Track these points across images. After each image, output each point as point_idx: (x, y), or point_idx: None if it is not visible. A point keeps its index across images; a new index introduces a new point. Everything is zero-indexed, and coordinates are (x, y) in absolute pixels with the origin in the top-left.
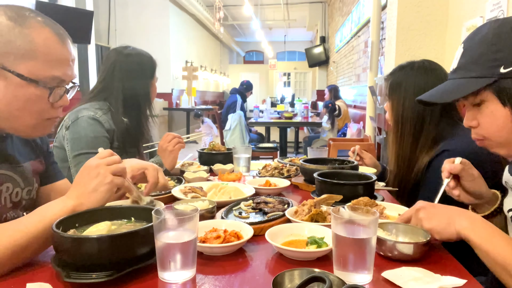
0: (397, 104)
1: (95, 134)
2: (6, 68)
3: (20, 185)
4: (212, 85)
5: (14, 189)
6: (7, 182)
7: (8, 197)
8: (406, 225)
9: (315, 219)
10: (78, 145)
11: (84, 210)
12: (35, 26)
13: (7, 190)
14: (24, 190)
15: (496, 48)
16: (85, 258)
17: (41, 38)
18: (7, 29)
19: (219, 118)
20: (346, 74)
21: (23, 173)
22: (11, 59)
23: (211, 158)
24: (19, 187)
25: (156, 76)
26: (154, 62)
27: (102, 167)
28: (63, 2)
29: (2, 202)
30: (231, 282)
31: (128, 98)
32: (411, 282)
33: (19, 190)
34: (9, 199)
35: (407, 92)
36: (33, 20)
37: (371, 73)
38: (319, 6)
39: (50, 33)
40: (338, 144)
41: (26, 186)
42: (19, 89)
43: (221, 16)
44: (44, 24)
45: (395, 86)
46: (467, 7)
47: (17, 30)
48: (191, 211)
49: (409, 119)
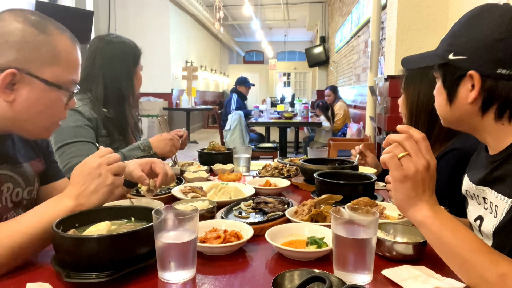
0: (412, 96)
1: (76, 123)
2: (32, 74)
3: (21, 185)
4: (212, 85)
5: (15, 189)
6: (8, 182)
7: (8, 197)
8: (404, 226)
9: (315, 219)
10: (60, 137)
11: (84, 210)
12: (56, 32)
13: (7, 190)
14: (25, 190)
15: (458, 34)
16: (85, 258)
17: (62, 44)
18: (32, 36)
19: (219, 118)
20: (346, 74)
21: (23, 173)
22: (36, 65)
23: (211, 158)
24: (20, 187)
25: (141, 64)
26: (137, 50)
27: (103, 168)
28: (63, 2)
29: (3, 202)
30: (231, 282)
31: (110, 86)
32: (410, 280)
33: (20, 190)
34: (9, 199)
35: (422, 85)
36: (52, 27)
37: (371, 73)
38: (319, 6)
39: (68, 40)
40: (338, 144)
41: (27, 186)
42: (42, 93)
43: (221, 16)
44: (61, 31)
45: (411, 78)
46: (467, 7)
47: (41, 37)
48: (191, 211)
49: (423, 111)
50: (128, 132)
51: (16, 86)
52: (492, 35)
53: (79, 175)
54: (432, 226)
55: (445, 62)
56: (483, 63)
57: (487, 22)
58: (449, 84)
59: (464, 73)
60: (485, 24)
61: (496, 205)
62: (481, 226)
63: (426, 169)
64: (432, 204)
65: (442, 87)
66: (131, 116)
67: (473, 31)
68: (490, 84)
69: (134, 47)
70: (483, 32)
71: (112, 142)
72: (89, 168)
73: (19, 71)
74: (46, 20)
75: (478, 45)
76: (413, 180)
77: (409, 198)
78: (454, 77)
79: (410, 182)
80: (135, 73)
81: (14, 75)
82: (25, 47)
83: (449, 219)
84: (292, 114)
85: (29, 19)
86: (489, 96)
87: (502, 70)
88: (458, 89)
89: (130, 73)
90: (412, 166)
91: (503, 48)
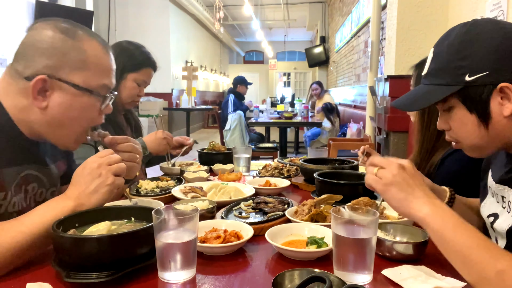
0: None
1: None
2: (62, 80)
3: (45, 186)
4: (212, 85)
5: (39, 189)
6: (33, 182)
7: (33, 197)
8: (404, 226)
9: (315, 219)
10: None
11: (84, 210)
12: (86, 38)
13: (32, 190)
14: (49, 191)
15: (462, 55)
16: (85, 258)
17: (91, 49)
18: (61, 43)
19: (218, 118)
20: (346, 74)
21: (49, 174)
22: (66, 70)
23: (211, 158)
24: (44, 188)
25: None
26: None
27: (104, 168)
28: (63, 2)
29: (27, 201)
30: (231, 282)
31: None
32: (410, 280)
33: (44, 190)
34: (33, 199)
35: None
36: (82, 33)
37: (371, 73)
38: (319, 6)
39: (98, 44)
40: (338, 144)
41: (50, 186)
42: (74, 98)
43: (221, 16)
44: (92, 36)
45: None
46: (467, 7)
47: (70, 42)
48: (191, 211)
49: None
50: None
51: (49, 92)
52: (502, 43)
53: (79, 175)
54: (433, 224)
55: (463, 86)
56: (508, 72)
57: (487, 35)
58: (478, 105)
59: (493, 88)
60: (486, 38)
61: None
62: (494, 223)
63: (402, 170)
64: (430, 200)
65: (467, 113)
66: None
67: (478, 46)
68: None
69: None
70: (491, 43)
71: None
72: (89, 169)
73: (49, 77)
74: (76, 27)
75: (495, 56)
76: (395, 183)
77: (401, 200)
78: (482, 96)
79: (393, 187)
80: (123, 78)
81: (45, 81)
82: (54, 53)
83: (450, 215)
84: (292, 114)
85: (59, 26)
86: None
87: None
88: (490, 107)
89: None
90: (387, 172)
91: None
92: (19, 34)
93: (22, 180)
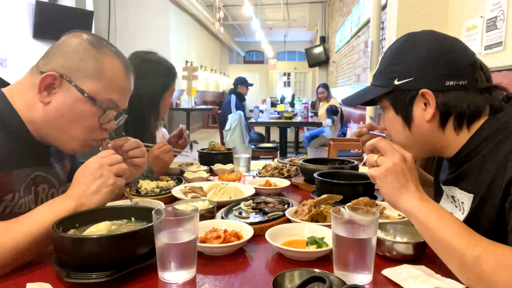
0: None
1: None
2: (71, 82)
3: (55, 186)
4: (212, 85)
5: (50, 190)
6: (43, 183)
7: (45, 198)
8: (404, 226)
9: (315, 219)
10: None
11: (84, 210)
12: (109, 53)
13: (43, 191)
14: (59, 191)
15: (396, 61)
16: (85, 258)
17: (111, 64)
18: (84, 50)
19: (219, 118)
20: (346, 74)
21: (57, 174)
22: (79, 75)
23: (211, 158)
24: (54, 188)
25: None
26: (172, 73)
27: (105, 168)
28: (63, 2)
29: (38, 202)
30: (231, 282)
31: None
32: (410, 280)
33: (55, 191)
34: (45, 199)
35: None
36: (108, 49)
37: (371, 73)
38: (319, 6)
39: (120, 63)
40: (338, 144)
41: (60, 186)
42: (77, 103)
43: (221, 16)
44: (116, 55)
45: None
46: (467, 7)
47: (92, 52)
48: (191, 211)
49: None
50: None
51: (56, 90)
52: (430, 53)
53: (81, 175)
54: (418, 214)
55: (392, 89)
56: (431, 79)
57: (421, 44)
58: (403, 108)
59: (416, 93)
60: (420, 46)
61: (462, 201)
62: None
63: (402, 161)
64: (419, 194)
65: (395, 114)
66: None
67: (411, 54)
68: (443, 97)
69: (169, 70)
70: (421, 52)
71: None
72: (91, 169)
73: (61, 77)
74: (106, 43)
75: (421, 64)
76: (393, 172)
77: (394, 189)
78: (406, 100)
79: (391, 175)
80: (163, 97)
81: (55, 78)
82: (74, 57)
83: (435, 207)
84: (292, 114)
85: (88, 38)
86: (445, 109)
87: (449, 82)
88: (413, 111)
89: (157, 98)
90: (389, 160)
91: (445, 62)
92: (19, 34)
93: (31, 181)
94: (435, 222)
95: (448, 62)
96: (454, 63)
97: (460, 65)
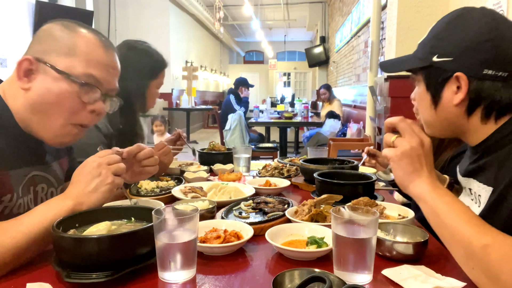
0: None
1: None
2: (46, 63)
3: (54, 185)
4: (212, 85)
5: (49, 189)
6: (42, 183)
7: (44, 197)
8: (404, 225)
9: (315, 219)
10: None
11: (84, 210)
12: (82, 31)
13: (42, 191)
14: (58, 189)
15: (441, 36)
16: (85, 258)
17: (84, 39)
18: (57, 32)
19: (218, 118)
20: (346, 74)
21: (55, 173)
22: (53, 55)
23: (211, 158)
24: (53, 187)
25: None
26: (159, 63)
27: (104, 167)
28: (63, 2)
29: (38, 202)
30: (231, 282)
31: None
32: (410, 279)
33: (54, 190)
34: (45, 199)
35: None
36: (81, 28)
37: (371, 73)
38: (319, 6)
39: (95, 38)
40: (338, 144)
41: (59, 185)
42: (54, 83)
43: (221, 16)
44: (92, 33)
45: None
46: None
47: (65, 32)
48: (191, 211)
49: None
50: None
51: (35, 75)
52: (478, 37)
53: (79, 174)
54: (428, 199)
55: (429, 64)
56: (469, 64)
57: (471, 24)
58: (434, 87)
59: (450, 75)
60: (469, 26)
61: (479, 194)
62: None
63: (420, 146)
64: (431, 180)
65: (425, 90)
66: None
67: (458, 33)
68: (476, 85)
69: (156, 59)
70: (468, 34)
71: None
72: (89, 168)
73: (36, 60)
74: (79, 24)
75: (464, 47)
76: (409, 156)
77: (408, 173)
78: (439, 79)
79: (407, 159)
80: (149, 87)
81: (31, 63)
82: (48, 40)
83: (447, 193)
84: (292, 114)
85: (63, 21)
86: (476, 97)
87: (488, 71)
88: (443, 92)
89: (142, 86)
90: (406, 143)
91: (489, 49)
92: (19, 34)
93: (29, 181)
94: (444, 208)
95: (493, 50)
96: (499, 52)
97: (505, 56)
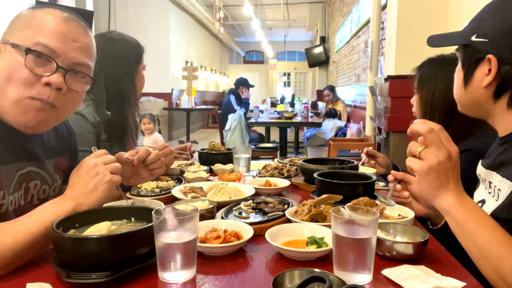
0: (426, 97)
1: (78, 129)
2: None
3: (48, 182)
4: (212, 85)
5: (42, 186)
6: (35, 179)
7: (35, 194)
8: (404, 225)
9: (315, 219)
10: None
11: (84, 210)
12: (47, 9)
13: (35, 187)
14: (51, 187)
15: (485, 16)
16: (85, 258)
17: (43, 13)
18: (22, 13)
19: (218, 118)
20: (346, 74)
21: (48, 170)
22: (13, 33)
23: (211, 158)
24: (46, 184)
25: (143, 63)
26: (140, 48)
27: (101, 166)
28: (63, 2)
29: (27, 199)
30: (231, 282)
31: (111, 86)
32: (410, 279)
33: (47, 187)
34: (36, 196)
35: (436, 85)
36: (48, 8)
37: (371, 73)
38: (319, 6)
39: (55, 12)
40: (338, 144)
41: (53, 183)
42: (7, 57)
43: (221, 16)
44: (57, 9)
45: (424, 79)
46: (467, 7)
47: (29, 11)
48: (191, 211)
49: (438, 111)
50: (128, 135)
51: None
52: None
53: (77, 175)
54: (456, 215)
55: (467, 43)
56: (503, 48)
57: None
58: (467, 66)
59: (483, 56)
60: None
61: (499, 188)
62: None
63: (447, 159)
64: (458, 193)
65: (461, 68)
66: (132, 118)
67: (499, 15)
68: (507, 69)
69: (137, 45)
70: (507, 17)
71: (112, 147)
72: (86, 168)
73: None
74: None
75: (501, 29)
76: (436, 171)
77: (434, 188)
78: (473, 59)
79: (434, 173)
80: (137, 72)
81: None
82: (13, 22)
83: (474, 208)
84: (292, 114)
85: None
86: (504, 81)
87: None
88: (475, 72)
89: (131, 72)
90: (434, 157)
91: None
92: None
93: (22, 177)
94: (474, 225)
95: None
96: None
97: None
